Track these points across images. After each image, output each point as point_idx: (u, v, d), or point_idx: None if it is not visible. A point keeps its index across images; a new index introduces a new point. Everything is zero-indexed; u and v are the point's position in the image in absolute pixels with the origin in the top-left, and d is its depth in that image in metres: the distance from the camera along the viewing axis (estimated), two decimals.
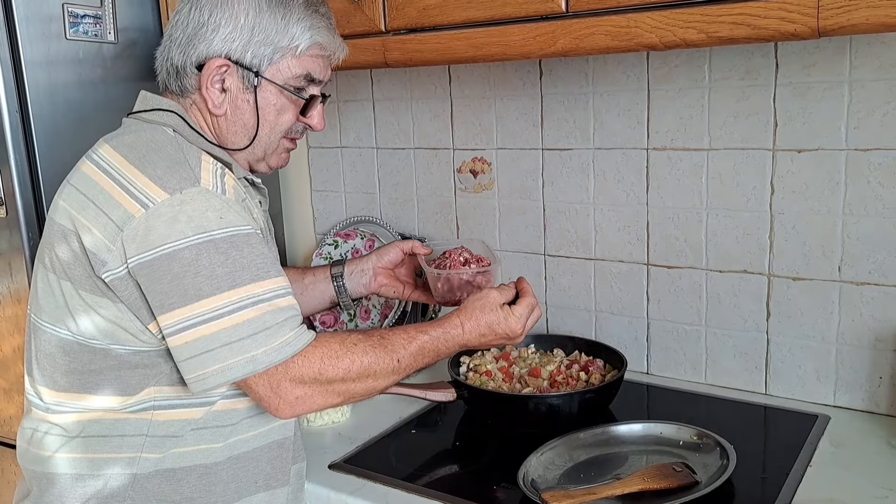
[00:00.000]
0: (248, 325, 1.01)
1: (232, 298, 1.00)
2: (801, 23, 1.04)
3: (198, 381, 1.02)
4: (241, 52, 1.13)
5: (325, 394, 1.08)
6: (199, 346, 1.01)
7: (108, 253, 1.02)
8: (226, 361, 1.01)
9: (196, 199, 1.01)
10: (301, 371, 1.05)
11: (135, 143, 1.08)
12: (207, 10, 1.12)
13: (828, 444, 1.34)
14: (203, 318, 1.00)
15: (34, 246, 1.65)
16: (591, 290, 1.71)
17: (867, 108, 1.36)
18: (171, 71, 1.17)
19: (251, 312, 1.01)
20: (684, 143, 1.54)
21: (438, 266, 1.40)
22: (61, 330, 1.09)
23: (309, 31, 1.15)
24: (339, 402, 1.11)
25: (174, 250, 1.00)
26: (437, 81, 1.83)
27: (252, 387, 1.05)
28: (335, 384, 1.08)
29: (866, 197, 1.38)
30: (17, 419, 1.79)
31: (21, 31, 1.58)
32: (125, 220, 1.01)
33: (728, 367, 1.57)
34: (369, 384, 1.12)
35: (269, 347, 1.02)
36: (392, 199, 1.96)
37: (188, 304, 1.00)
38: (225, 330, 1.00)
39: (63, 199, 1.09)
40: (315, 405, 1.08)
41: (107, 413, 1.09)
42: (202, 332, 1.00)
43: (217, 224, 1.01)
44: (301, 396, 1.06)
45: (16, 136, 1.60)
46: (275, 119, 1.18)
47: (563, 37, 1.22)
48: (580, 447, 1.30)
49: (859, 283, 1.41)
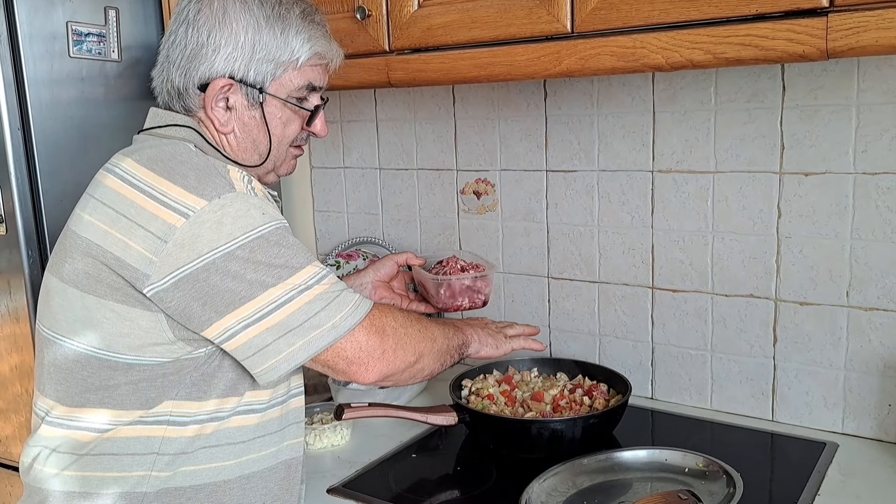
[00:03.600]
0: (320, 300, 1.05)
1: (297, 282, 1.04)
2: (809, 44, 1.03)
3: (283, 361, 1.05)
4: (243, 70, 1.13)
5: (405, 348, 1.13)
6: (280, 329, 1.03)
7: (149, 266, 1.01)
8: (309, 335, 1.04)
9: (236, 202, 1.03)
10: (381, 324, 1.11)
11: (159, 156, 1.07)
12: (206, 31, 1.12)
13: (836, 472, 1.31)
14: (276, 304, 1.03)
15: (34, 265, 1.64)
16: (594, 314, 1.69)
17: (875, 131, 1.35)
18: (173, 92, 1.17)
19: (318, 289, 1.05)
20: (690, 165, 1.53)
21: (436, 275, 1.41)
22: (79, 344, 1.07)
23: (308, 42, 1.16)
24: (414, 361, 1.15)
25: (227, 252, 1.01)
26: (441, 102, 1.82)
27: (340, 353, 1.08)
28: (412, 339, 1.15)
29: (874, 221, 1.37)
30: (13, 439, 1.77)
31: (24, 48, 1.58)
32: (167, 231, 1.00)
33: (734, 393, 1.55)
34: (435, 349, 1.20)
35: (346, 311, 1.07)
36: (395, 220, 1.95)
37: (256, 296, 1.02)
38: (300, 309, 1.04)
39: (87, 213, 1.07)
40: (398, 360, 1.12)
41: (120, 429, 1.08)
42: (279, 316, 1.03)
43: (262, 220, 1.04)
44: (387, 350, 1.11)
45: (17, 154, 1.60)
46: (282, 132, 1.20)
47: (568, 57, 1.22)
48: (584, 473, 1.28)
49: (867, 308, 1.39)
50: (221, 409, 1.10)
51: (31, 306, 1.66)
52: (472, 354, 1.32)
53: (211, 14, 1.11)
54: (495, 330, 1.39)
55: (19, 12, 1.56)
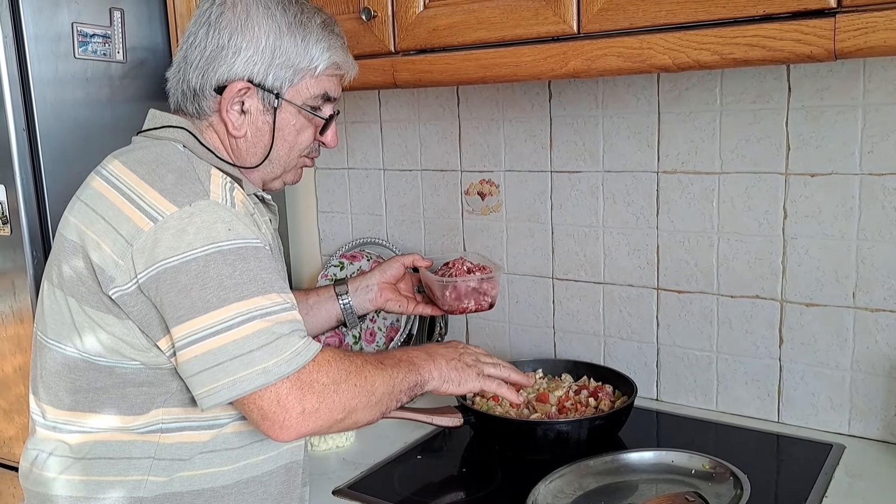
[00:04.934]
0: (258, 337, 0.99)
1: (240, 310, 0.98)
2: (816, 45, 1.02)
3: (208, 395, 0.99)
4: (262, 74, 1.13)
5: (330, 408, 1.03)
6: (208, 359, 0.98)
7: (115, 269, 1.01)
8: (237, 374, 0.98)
9: (205, 211, 1.01)
10: (310, 381, 1.01)
11: (144, 158, 1.07)
12: (227, 33, 1.12)
13: (843, 474, 1.31)
14: (212, 329, 0.98)
15: (38, 265, 1.64)
16: (599, 315, 1.69)
17: (881, 132, 1.34)
18: (188, 93, 1.16)
19: (260, 324, 0.99)
20: (695, 166, 1.52)
21: (442, 276, 1.40)
22: (67, 347, 1.07)
23: (327, 51, 1.16)
24: (342, 419, 1.05)
25: (182, 262, 0.98)
26: (445, 103, 1.82)
27: (256, 402, 1.00)
28: (342, 396, 1.04)
29: (881, 222, 1.36)
30: (16, 440, 1.77)
31: (30, 49, 1.58)
32: (134, 234, 1.00)
33: (739, 395, 1.55)
34: (373, 402, 1.09)
35: (281, 358, 0.99)
36: (399, 220, 1.95)
37: (197, 315, 0.98)
38: (235, 342, 0.98)
39: (73, 215, 1.08)
40: (320, 420, 1.03)
41: (113, 434, 1.07)
42: (211, 344, 0.98)
43: (225, 235, 1.00)
44: (307, 410, 1.01)
45: (22, 155, 1.60)
46: (294, 139, 1.19)
47: (574, 58, 1.22)
48: (590, 475, 1.27)
49: (874, 309, 1.39)
50: (219, 415, 1.09)
51: (35, 307, 1.66)
52: (432, 391, 1.21)
53: (234, 17, 1.12)
54: (469, 363, 1.26)
55: (25, 13, 1.56)
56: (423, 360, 1.20)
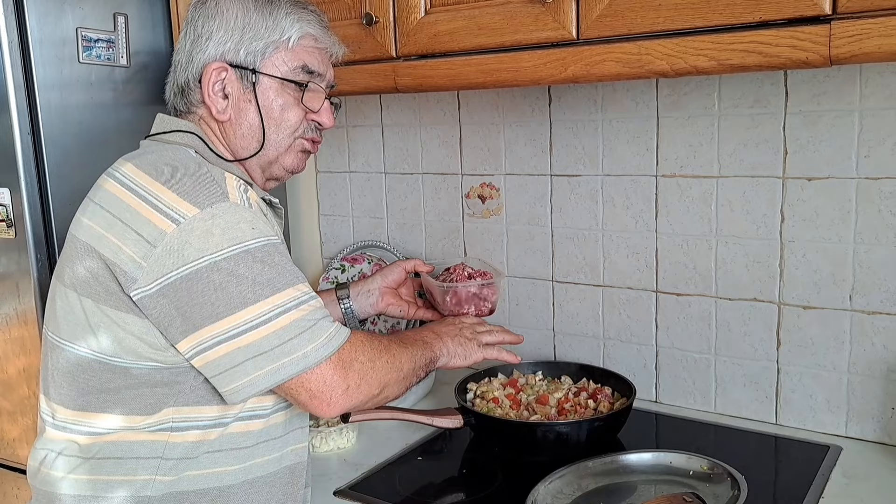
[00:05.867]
0: (295, 326, 1.04)
1: (276, 303, 1.03)
2: (812, 51, 1.04)
3: (248, 385, 1.04)
4: (234, 51, 1.16)
5: (370, 384, 1.11)
6: (250, 350, 1.02)
7: (138, 270, 1.02)
8: (279, 361, 1.03)
9: (227, 213, 1.03)
10: (350, 360, 1.08)
11: (158, 161, 1.08)
12: (200, 23, 1.17)
13: (840, 475, 1.32)
14: (252, 323, 1.02)
15: (42, 268, 1.65)
16: (599, 317, 1.70)
17: (878, 137, 1.35)
18: (177, 92, 1.20)
19: (296, 313, 1.04)
20: (694, 170, 1.54)
21: (443, 282, 1.41)
22: (80, 347, 1.08)
23: (298, 22, 1.19)
24: (378, 393, 1.13)
25: (212, 262, 1.01)
26: (446, 107, 1.83)
27: (304, 385, 1.05)
28: (378, 372, 1.12)
29: (877, 226, 1.38)
30: (20, 442, 1.78)
31: (35, 53, 1.59)
32: (157, 236, 1.01)
33: (738, 397, 1.56)
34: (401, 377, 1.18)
35: (319, 342, 1.05)
36: (400, 223, 1.96)
37: (235, 311, 1.02)
38: (275, 332, 1.02)
39: (87, 217, 1.08)
40: (361, 395, 1.10)
41: (123, 434, 1.09)
42: (252, 337, 1.02)
43: (251, 234, 1.04)
44: (351, 387, 1.08)
45: (27, 158, 1.61)
46: (280, 116, 1.20)
47: (573, 63, 1.23)
48: (589, 476, 1.28)
49: (871, 312, 1.40)
50: (225, 414, 1.11)
51: (39, 309, 1.67)
52: (441, 367, 1.30)
53: (205, 9, 1.17)
54: (469, 336, 1.35)
55: (30, 18, 1.58)
56: (433, 338, 1.30)
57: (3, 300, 1.71)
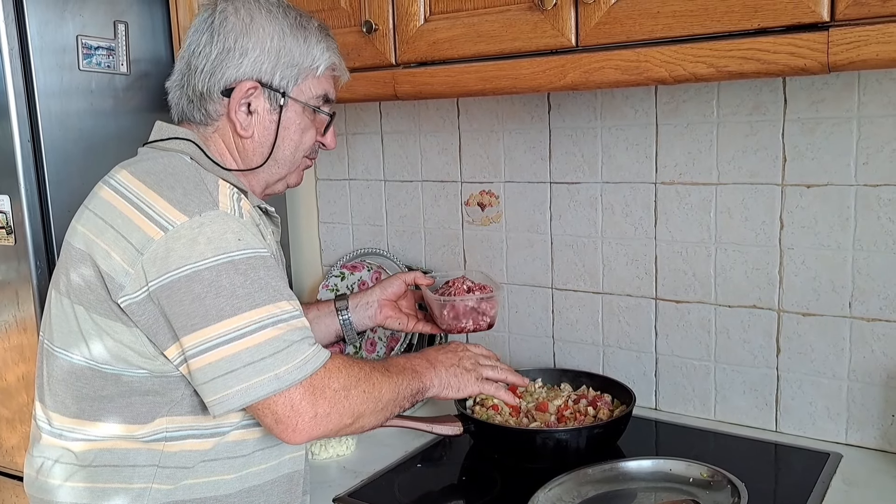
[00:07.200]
0: (270, 345, 1.01)
1: (253, 318, 1.01)
2: (810, 58, 1.04)
3: (220, 402, 1.02)
4: (270, 74, 1.17)
5: (340, 413, 1.07)
6: (222, 366, 1.00)
7: (125, 277, 1.02)
8: (249, 381, 1.01)
9: (215, 222, 1.03)
10: (322, 386, 1.05)
11: (153, 168, 1.09)
12: (233, 37, 1.15)
13: (840, 482, 1.31)
14: (225, 337, 1.00)
15: (42, 275, 1.65)
16: (598, 324, 1.70)
17: (876, 144, 1.36)
18: (195, 99, 1.18)
19: (272, 332, 1.02)
20: (692, 177, 1.54)
21: (443, 295, 1.40)
22: (74, 355, 1.09)
23: (326, 52, 1.21)
24: (350, 423, 1.09)
25: (194, 271, 1.00)
26: (446, 115, 1.84)
27: (271, 407, 1.03)
28: (352, 401, 1.08)
29: (876, 232, 1.38)
30: (18, 449, 1.77)
31: (35, 61, 1.59)
32: (144, 243, 1.01)
33: (737, 404, 1.56)
34: (379, 408, 1.13)
35: (292, 365, 1.02)
36: (399, 231, 1.97)
37: (210, 324, 1.00)
38: (248, 349, 1.00)
39: (81, 224, 1.09)
40: (331, 424, 1.06)
41: (118, 442, 1.08)
42: (225, 352, 1.00)
43: (236, 245, 1.03)
44: (319, 414, 1.05)
45: (27, 165, 1.61)
46: (299, 138, 1.22)
47: (572, 71, 1.23)
48: (589, 483, 1.28)
49: (870, 319, 1.40)
50: (221, 424, 1.10)
51: (39, 317, 1.67)
52: (433, 398, 1.27)
53: (238, 21, 1.15)
54: (469, 367, 1.32)
55: (30, 25, 1.58)
56: (425, 367, 1.25)
57: (3, 307, 1.71)
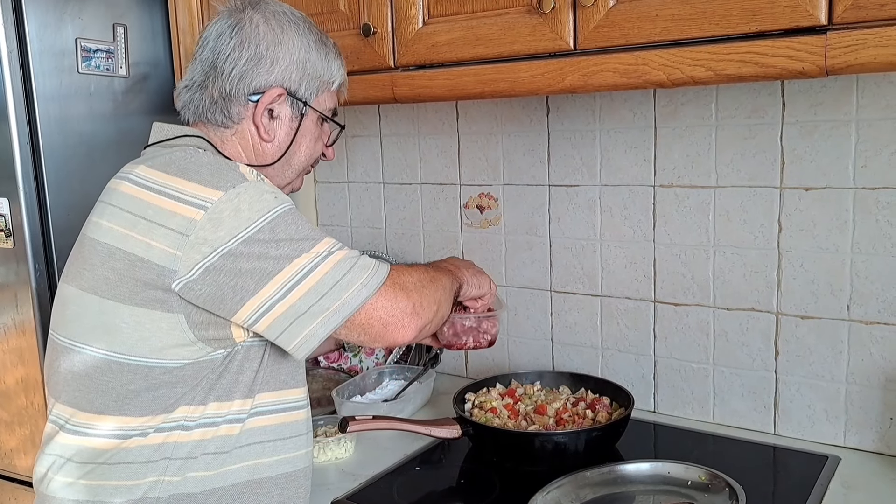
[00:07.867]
0: (343, 264, 1.08)
1: (319, 251, 1.08)
2: (808, 61, 1.04)
3: (321, 325, 1.07)
4: (296, 83, 1.22)
5: (429, 301, 1.16)
6: (312, 294, 1.06)
7: (175, 261, 1.03)
8: (342, 297, 1.07)
9: (250, 189, 1.07)
10: (402, 282, 1.13)
11: (170, 161, 1.11)
12: (264, 45, 1.20)
13: (839, 485, 1.31)
14: (302, 272, 1.06)
15: (41, 278, 1.65)
16: (597, 327, 1.70)
17: (874, 147, 1.36)
18: (219, 100, 1.20)
19: (339, 254, 1.09)
20: (691, 180, 1.54)
21: None
22: (98, 350, 1.09)
23: (341, 68, 1.29)
24: (436, 310, 1.18)
25: (249, 236, 1.04)
26: (445, 117, 1.84)
27: (374, 314, 1.09)
28: (430, 290, 1.17)
29: (875, 235, 1.38)
30: (18, 452, 1.77)
31: (34, 64, 1.60)
32: (187, 225, 1.03)
33: (736, 407, 1.56)
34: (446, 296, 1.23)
35: (369, 273, 1.10)
36: (398, 233, 1.97)
37: (282, 269, 1.05)
38: (327, 273, 1.07)
39: (106, 220, 1.09)
40: (427, 313, 1.15)
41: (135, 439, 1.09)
42: (309, 282, 1.06)
43: (276, 202, 1.08)
44: (415, 306, 1.13)
45: (26, 168, 1.62)
46: (312, 146, 1.29)
47: (571, 73, 1.24)
48: (587, 486, 1.28)
49: (868, 322, 1.40)
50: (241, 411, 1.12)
51: (38, 319, 1.67)
52: (461, 298, 1.35)
53: (269, 30, 1.20)
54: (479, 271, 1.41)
55: (29, 29, 1.59)
56: (456, 268, 1.36)
57: (2, 310, 1.71)
